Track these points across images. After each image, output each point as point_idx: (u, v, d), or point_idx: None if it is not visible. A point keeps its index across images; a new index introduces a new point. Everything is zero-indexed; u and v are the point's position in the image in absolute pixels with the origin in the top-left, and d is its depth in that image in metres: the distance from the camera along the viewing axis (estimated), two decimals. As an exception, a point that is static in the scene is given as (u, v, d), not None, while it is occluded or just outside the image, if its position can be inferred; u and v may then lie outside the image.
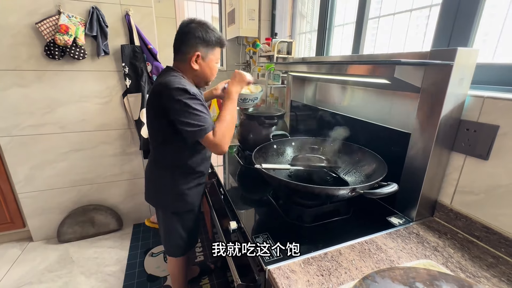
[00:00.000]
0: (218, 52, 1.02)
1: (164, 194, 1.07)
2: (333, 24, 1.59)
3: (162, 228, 1.16)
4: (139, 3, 1.65)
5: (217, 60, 1.03)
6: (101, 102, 1.74)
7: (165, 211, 1.12)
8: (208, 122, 0.90)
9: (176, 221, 1.12)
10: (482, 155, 0.70)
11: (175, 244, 1.17)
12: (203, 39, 0.95)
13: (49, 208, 1.83)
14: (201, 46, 0.96)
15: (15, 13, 1.44)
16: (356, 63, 0.89)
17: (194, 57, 0.96)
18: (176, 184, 1.04)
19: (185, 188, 1.05)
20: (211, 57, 0.99)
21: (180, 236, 1.15)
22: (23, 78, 1.54)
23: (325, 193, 0.74)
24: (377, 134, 0.99)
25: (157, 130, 1.00)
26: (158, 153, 1.05)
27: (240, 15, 2.04)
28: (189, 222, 1.15)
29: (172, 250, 1.20)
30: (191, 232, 1.18)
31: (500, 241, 0.68)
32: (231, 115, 0.96)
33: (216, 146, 0.90)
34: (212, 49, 0.98)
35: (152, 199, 1.12)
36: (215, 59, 1.01)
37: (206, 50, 0.97)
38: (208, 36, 0.95)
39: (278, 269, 0.61)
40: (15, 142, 1.63)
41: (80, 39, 1.51)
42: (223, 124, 0.92)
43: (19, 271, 1.63)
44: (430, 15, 1.03)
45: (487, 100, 0.69)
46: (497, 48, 0.83)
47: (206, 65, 0.99)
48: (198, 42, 0.95)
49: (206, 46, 0.96)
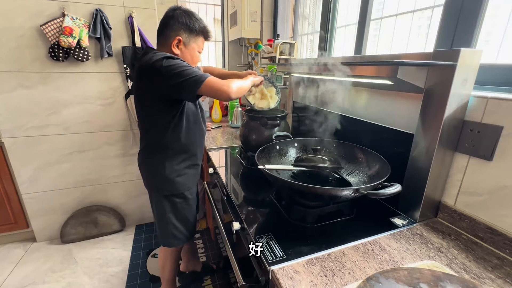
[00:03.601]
0: (201, 41, 1.04)
1: (155, 176, 1.08)
2: (335, 25, 1.59)
3: (155, 215, 1.17)
4: (142, 5, 1.66)
5: (199, 49, 1.05)
6: (104, 104, 1.75)
7: (157, 195, 1.12)
8: (200, 72, 0.90)
9: (169, 208, 1.12)
10: (486, 156, 0.70)
11: (169, 234, 1.16)
12: (186, 25, 0.97)
13: (53, 208, 1.84)
14: (184, 32, 0.98)
15: (20, 16, 1.45)
16: (359, 64, 0.89)
17: (175, 41, 0.98)
18: (166, 165, 1.05)
19: (175, 170, 1.06)
20: (193, 45, 1.01)
21: (173, 225, 1.14)
22: (28, 79, 1.56)
23: (328, 194, 0.74)
24: (380, 135, 0.99)
25: (146, 115, 1.02)
26: (148, 138, 1.06)
27: (242, 16, 2.05)
28: (182, 211, 1.14)
29: (167, 239, 1.18)
30: (186, 222, 1.17)
31: (504, 242, 0.67)
32: (241, 81, 0.99)
33: (220, 86, 0.88)
34: (195, 37, 1.00)
35: (145, 182, 1.14)
36: (197, 48, 1.03)
37: (188, 37, 0.99)
38: (192, 23, 0.98)
39: (281, 270, 0.61)
40: (20, 143, 1.64)
41: (84, 41, 1.53)
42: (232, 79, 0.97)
43: (23, 271, 1.64)
44: (432, 16, 1.03)
45: (490, 101, 0.69)
46: (501, 49, 0.83)
47: (187, 51, 1.01)
48: (181, 27, 0.97)
49: (189, 32, 0.99)
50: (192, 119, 1.07)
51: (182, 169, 1.09)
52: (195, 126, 1.09)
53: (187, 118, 1.04)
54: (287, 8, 2.07)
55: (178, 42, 0.98)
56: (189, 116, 1.06)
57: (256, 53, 2.29)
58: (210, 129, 1.88)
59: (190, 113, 1.06)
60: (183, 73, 0.87)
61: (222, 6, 2.52)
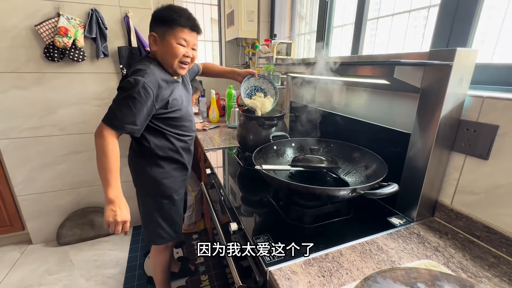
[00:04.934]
0: (180, 32, 0.92)
1: (142, 176, 1.09)
2: (332, 25, 1.59)
3: (141, 213, 1.17)
4: (139, 5, 1.65)
5: (180, 41, 0.93)
6: (100, 104, 1.74)
7: (143, 195, 1.13)
8: (118, 118, 0.87)
9: (155, 208, 1.12)
10: (482, 155, 0.70)
11: (153, 231, 1.16)
12: (159, 19, 0.92)
13: (49, 210, 1.82)
14: (157, 26, 0.93)
15: (14, 16, 1.44)
16: (356, 64, 0.89)
17: (151, 38, 0.95)
18: (153, 167, 1.06)
19: (162, 172, 1.07)
20: (169, 38, 0.92)
21: (159, 224, 1.14)
22: (22, 80, 1.54)
23: (325, 194, 0.74)
24: (377, 134, 0.99)
25: None
26: (136, 139, 1.05)
27: (239, 16, 2.04)
28: (168, 211, 1.15)
29: (152, 237, 1.19)
30: (171, 222, 1.17)
31: (501, 241, 0.68)
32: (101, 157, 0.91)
33: (96, 138, 0.89)
34: (170, 28, 0.91)
35: (133, 180, 1.15)
36: (176, 40, 0.93)
37: (163, 30, 0.92)
38: (165, 15, 0.91)
39: (279, 270, 0.61)
40: (14, 145, 1.62)
41: (80, 41, 1.52)
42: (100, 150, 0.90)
43: (19, 274, 1.62)
44: (428, 16, 1.03)
45: (486, 100, 0.69)
46: (496, 48, 0.84)
47: (164, 46, 0.94)
48: (154, 22, 0.94)
49: (162, 25, 0.92)
50: (178, 123, 1.07)
51: (169, 171, 1.09)
52: (181, 129, 1.09)
53: (168, 123, 1.03)
54: (284, 8, 2.07)
55: (154, 39, 0.95)
56: (171, 120, 1.04)
57: (253, 53, 2.28)
58: (207, 129, 1.87)
59: (174, 118, 1.04)
60: (115, 105, 0.90)
61: (219, 6, 2.51)
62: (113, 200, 0.89)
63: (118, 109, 0.88)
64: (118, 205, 0.89)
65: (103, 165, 0.88)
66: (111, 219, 0.88)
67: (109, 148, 0.87)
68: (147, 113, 0.92)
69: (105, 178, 0.88)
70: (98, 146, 0.88)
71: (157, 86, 0.92)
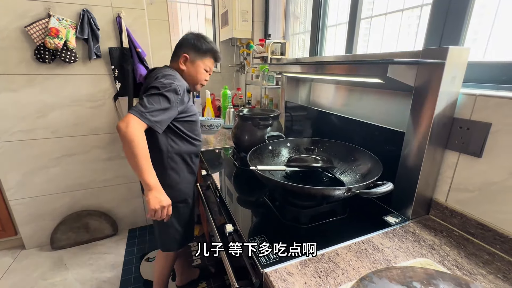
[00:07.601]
0: (209, 61, 1.14)
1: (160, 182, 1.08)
2: (326, 25, 1.60)
3: (158, 222, 1.16)
4: (131, 6, 1.63)
5: (206, 68, 1.14)
6: (93, 106, 1.72)
7: None
8: (146, 109, 0.89)
9: (172, 213, 1.12)
10: (476, 152, 0.71)
11: (171, 238, 1.18)
12: (193, 45, 1.10)
13: (42, 214, 1.79)
14: (191, 51, 1.10)
15: (3, 16, 1.41)
16: (350, 63, 0.89)
17: (182, 58, 1.10)
18: (169, 173, 1.09)
19: (177, 178, 1.10)
20: (199, 63, 1.12)
21: (176, 229, 1.17)
22: (13, 82, 1.51)
23: (321, 194, 0.74)
24: (371, 133, 0.99)
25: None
26: (152, 146, 1.04)
27: (233, 16, 2.04)
28: (184, 216, 1.18)
29: (167, 244, 1.21)
30: (187, 225, 1.21)
31: (495, 237, 0.68)
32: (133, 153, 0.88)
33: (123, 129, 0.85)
34: (201, 56, 1.11)
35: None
36: (203, 66, 1.13)
37: (195, 55, 1.11)
38: (200, 44, 1.10)
39: (275, 272, 0.60)
40: (6, 148, 1.59)
41: (71, 42, 1.49)
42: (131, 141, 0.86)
43: (11, 279, 1.59)
44: (421, 14, 1.04)
45: (479, 98, 0.70)
46: (488, 47, 0.84)
47: (193, 68, 1.12)
48: (189, 47, 1.10)
49: (196, 52, 1.10)
50: (193, 127, 1.13)
51: (184, 176, 1.13)
52: (195, 133, 1.14)
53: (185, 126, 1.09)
54: (278, 7, 2.06)
55: (185, 59, 1.10)
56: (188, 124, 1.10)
57: (248, 53, 2.28)
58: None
59: (191, 122, 1.11)
60: (150, 99, 0.92)
61: (213, 6, 2.50)
62: (154, 186, 0.91)
63: (148, 102, 0.91)
64: (159, 190, 0.93)
65: (135, 153, 0.86)
66: (157, 206, 0.91)
67: (137, 135, 0.86)
68: (172, 113, 0.99)
69: (139, 165, 0.88)
70: (126, 136, 0.85)
71: (183, 91, 1.02)
